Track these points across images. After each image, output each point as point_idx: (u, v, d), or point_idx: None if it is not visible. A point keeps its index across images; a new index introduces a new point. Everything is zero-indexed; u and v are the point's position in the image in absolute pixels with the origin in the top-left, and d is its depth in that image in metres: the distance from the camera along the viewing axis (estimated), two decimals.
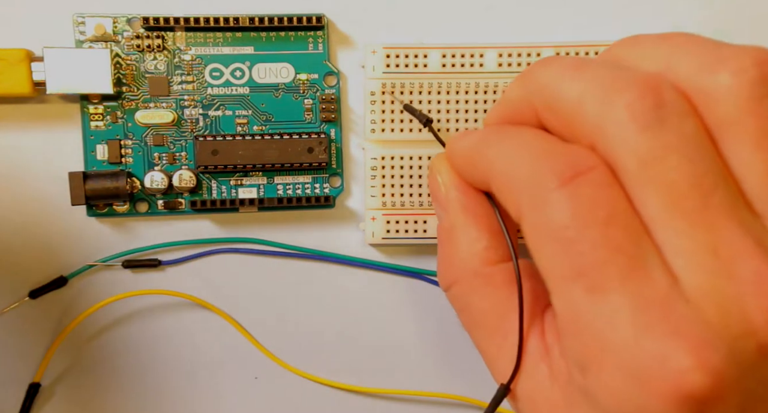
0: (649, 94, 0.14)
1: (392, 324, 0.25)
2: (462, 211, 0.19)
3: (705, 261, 0.14)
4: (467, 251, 0.19)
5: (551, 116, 0.16)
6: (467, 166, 0.18)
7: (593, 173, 0.15)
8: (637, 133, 0.14)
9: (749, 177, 0.14)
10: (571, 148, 0.15)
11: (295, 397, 0.25)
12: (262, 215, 0.25)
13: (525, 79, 0.17)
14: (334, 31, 0.24)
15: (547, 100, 0.16)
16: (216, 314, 0.25)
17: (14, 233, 0.24)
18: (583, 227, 0.14)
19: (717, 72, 0.14)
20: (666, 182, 0.14)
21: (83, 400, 0.25)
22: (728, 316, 0.13)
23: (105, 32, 0.23)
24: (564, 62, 0.16)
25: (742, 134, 0.14)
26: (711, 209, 0.14)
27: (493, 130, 0.18)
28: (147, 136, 0.24)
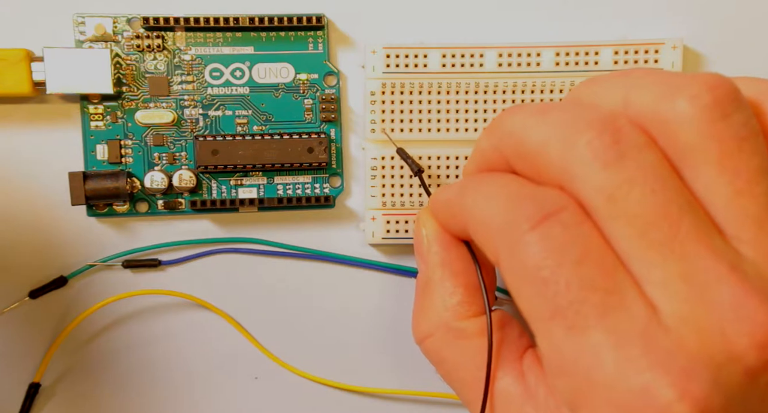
0: (607, 132, 0.15)
1: (392, 324, 0.25)
2: (440, 265, 0.19)
3: (681, 290, 0.14)
4: (441, 305, 0.19)
5: (519, 161, 0.17)
6: (448, 217, 0.19)
7: (563, 213, 0.15)
8: (599, 170, 0.14)
9: (716, 201, 0.14)
10: (541, 190, 0.16)
11: (295, 397, 0.25)
12: (262, 215, 0.25)
13: (493, 129, 0.17)
14: (334, 31, 0.24)
15: (514, 147, 0.17)
16: (216, 314, 0.25)
17: (14, 233, 0.24)
18: (557, 266, 0.14)
19: (672, 100, 0.15)
20: (633, 215, 0.14)
21: (83, 400, 0.25)
22: (710, 343, 0.14)
23: (105, 32, 0.23)
24: (528, 109, 0.17)
25: (704, 158, 0.14)
26: (680, 237, 0.14)
27: (469, 179, 0.18)
28: (147, 136, 0.24)
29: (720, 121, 0.14)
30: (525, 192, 0.16)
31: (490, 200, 0.16)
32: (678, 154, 0.15)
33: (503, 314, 0.19)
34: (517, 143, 0.16)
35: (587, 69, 0.23)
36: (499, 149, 0.17)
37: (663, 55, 0.23)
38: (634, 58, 0.23)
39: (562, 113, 0.16)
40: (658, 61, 0.23)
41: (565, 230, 0.15)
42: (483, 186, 0.17)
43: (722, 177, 0.14)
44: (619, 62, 0.23)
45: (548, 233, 0.15)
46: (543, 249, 0.15)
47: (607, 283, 0.14)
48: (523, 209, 0.15)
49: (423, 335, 0.19)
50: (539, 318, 0.15)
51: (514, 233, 0.15)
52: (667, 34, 0.24)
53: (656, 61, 0.23)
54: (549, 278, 0.14)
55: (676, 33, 0.24)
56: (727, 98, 0.14)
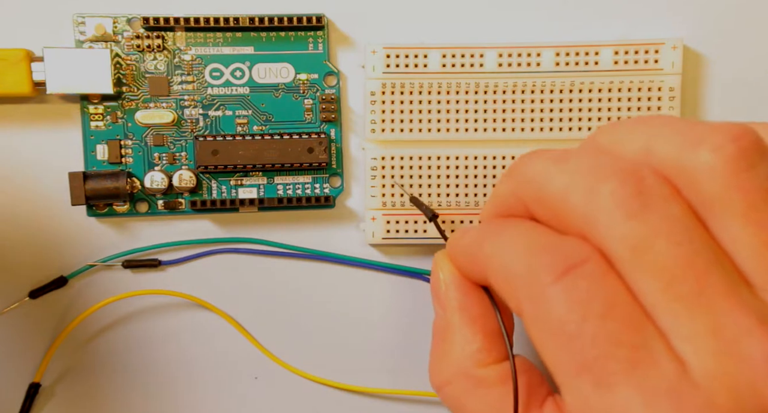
0: (630, 181, 0.14)
1: (392, 324, 0.25)
2: (459, 311, 0.19)
3: (709, 344, 0.13)
4: (460, 353, 0.19)
5: (540, 208, 0.16)
6: (466, 262, 0.19)
7: (587, 265, 0.15)
8: (623, 220, 0.14)
9: (742, 252, 0.14)
10: (564, 240, 0.15)
11: (295, 397, 0.25)
12: (262, 215, 0.25)
13: (512, 175, 0.17)
14: (334, 31, 0.24)
15: (534, 194, 0.16)
16: (216, 314, 0.25)
17: (14, 233, 0.24)
18: (582, 321, 0.14)
19: (696, 151, 0.14)
20: (658, 267, 0.14)
21: (83, 400, 0.25)
22: (741, 399, 0.13)
23: (105, 32, 0.23)
24: (547, 155, 0.16)
25: (729, 209, 0.14)
26: (708, 290, 0.14)
27: (488, 225, 0.18)
28: (147, 136, 0.24)
29: (744, 172, 0.14)
30: (547, 242, 0.15)
31: (511, 249, 0.16)
32: (702, 205, 0.14)
33: (524, 360, 0.19)
34: (538, 190, 0.16)
35: (587, 69, 0.23)
36: (518, 196, 0.17)
37: (663, 55, 0.23)
38: (634, 58, 0.23)
39: (584, 161, 0.15)
40: (658, 61, 0.23)
41: (590, 283, 0.14)
42: (503, 234, 0.17)
43: (748, 229, 0.14)
44: (619, 62, 0.23)
45: (572, 285, 0.14)
46: (567, 303, 0.14)
47: (634, 338, 0.14)
48: (546, 259, 0.15)
49: (442, 382, 0.19)
50: (565, 373, 0.15)
51: (537, 285, 0.15)
52: (667, 34, 0.24)
53: (656, 61, 0.23)
54: (574, 332, 0.14)
55: (676, 33, 0.24)
56: (751, 149, 0.14)
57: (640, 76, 0.23)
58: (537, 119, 0.24)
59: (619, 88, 0.24)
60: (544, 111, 0.24)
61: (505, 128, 0.24)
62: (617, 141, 0.16)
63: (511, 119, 0.24)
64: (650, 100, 0.24)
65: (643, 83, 0.23)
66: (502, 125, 0.24)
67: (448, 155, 0.24)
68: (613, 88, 0.24)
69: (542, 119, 0.24)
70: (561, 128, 0.24)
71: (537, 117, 0.24)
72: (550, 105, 0.24)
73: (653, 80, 0.23)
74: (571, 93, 0.24)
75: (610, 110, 0.24)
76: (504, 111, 0.24)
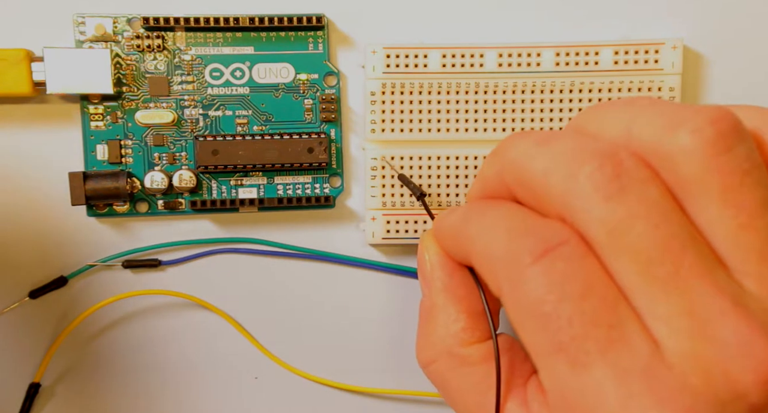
0: (608, 164, 0.15)
1: (392, 324, 0.25)
2: (443, 291, 0.19)
3: (683, 326, 0.14)
4: (444, 332, 0.19)
5: (521, 190, 0.17)
6: (451, 243, 0.19)
7: (565, 247, 0.15)
8: (600, 203, 0.14)
9: (719, 234, 0.14)
10: (544, 222, 0.15)
11: (295, 397, 0.25)
12: (262, 215, 0.25)
13: (496, 156, 0.17)
14: (334, 31, 0.24)
15: (516, 175, 0.16)
16: (216, 314, 0.25)
17: (14, 233, 0.24)
18: (559, 301, 0.14)
19: (675, 134, 0.14)
20: (635, 249, 0.14)
21: (83, 400, 0.25)
22: (714, 381, 0.13)
23: (105, 32, 0.23)
24: (530, 137, 0.16)
25: (707, 191, 0.14)
26: (683, 272, 0.14)
27: (472, 206, 0.18)
28: (147, 136, 0.24)
29: (722, 154, 0.14)
30: (527, 224, 0.16)
31: (492, 232, 0.16)
32: (680, 187, 0.15)
33: (507, 338, 0.19)
34: (519, 171, 0.16)
35: (587, 69, 0.23)
36: (501, 177, 0.17)
37: (663, 55, 0.23)
38: (634, 58, 0.23)
39: (565, 143, 0.15)
40: (658, 61, 0.23)
41: (567, 264, 0.14)
42: (485, 215, 0.17)
43: (725, 211, 0.14)
44: (619, 62, 0.23)
45: (550, 267, 0.15)
46: (545, 284, 0.14)
47: (610, 318, 0.14)
48: (525, 242, 0.15)
49: (427, 360, 0.19)
50: (542, 353, 0.15)
51: (515, 267, 0.15)
52: (667, 34, 0.24)
53: (656, 61, 0.23)
54: (551, 313, 0.14)
55: (676, 33, 0.24)
56: (729, 132, 0.14)
57: (640, 76, 0.23)
58: (537, 119, 0.24)
59: (619, 88, 0.24)
60: (544, 111, 0.24)
61: (505, 128, 0.24)
62: (600, 123, 0.16)
63: (511, 119, 0.24)
64: None
65: (643, 83, 0.24)
66: (502, 125, 0.24)
67: (448, 155, 0.24)
68: (613, 88, 0.24)
69: (542, 119, 0.24)
70: (561, 128, 0.24)
71: (537, 117, 0.24)
72: (550, 105, 0.24)
73: (653, 80, 0.23)
74: (571, 93, 0.24)
75: None
76: (504, 111, 0.24)
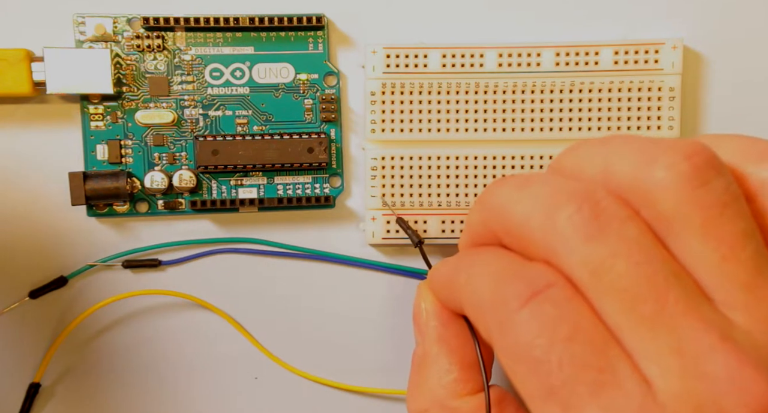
0: (586, 205, 0.15)
1: (392, 324, 0.25)
2: (437, 341, 0.19)
3: (673, 364, 0.14)
4: (437, 382, 0.19)
5: (506, 236, 0.17)
6: (444, 292, 0.19)
7: (552, 290, 0.15)
8: (581, 244, 0.14)
9: (702, 268, 0.14)
10: (529, 266, 0.15)
11: (295, 397, 0.25)
12: (262, 215, 0.25)
13: (480, 204, 0.17)
14: (334, 31, 0.24)
15: (499, 222, 0.17)
16: (216, 314, 0.25)
17: (14, 233, 0.24)
18: (549, 345, 0.14)
19: (651, 170, 0.14)
20: (619, 289, 0.14)
21: (83, 400, 0.25)
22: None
23: (105, 32, 0.23)
24: (511, 182, 0.16)
25: (687, 225, 0.14)
26: (669, 309, 0.14)
27: (462, 255, 0.18)
28: (147, 136, 0.24)
29: (699, 188, 0.14)
30: (513, 269, 0.16)
31: (480, 278, 0.16)
32: (660, 223, 0.15)
33: (500, 390, 0.19)
34: (502, 218, 0.16)
35: (587, 69, 0.23)
36: (486, 224, 0.17)
37: (663, 55, 0.23)
38: (634, 58, 0.23)
39: (542, 187, 0.16)
40: (658, 61, 0.23)
41: (555, 307, 0.14)
42: (474, 264, 0.17)
43: (707, 244, 0.14)
44: (619, 62, 0.23)
45: (538, 310, 0.14)
46: (533, 328, 0.14)
47: (600, 360, 0.14)
48: (512, 287, 0.15)
49: (418, 410, 0.19)
50: (535, 398, 0.15)
51: (503, 312, 0.15)
52: (667, 34, 0.24)
53: (656, 62, 0.23)
54: (541, 357, 0.14)
55: (676, 33, 0.24)
56: (705, 165, 0.14)
57: (640, 76, 0.23)
58: (537, 119, 0.24)
59: (619, 88, 0.24)
60: (544, 111, 0.24)
61: (505, 128, 0.24)
62: (577, 162, 0.16)
63: (511, 119, 0.24)
64: (650, 100, 0.24)
65: (643, 83, 0.24)
66: (502, 125, 0.24)
67: (448, 155, 0.24)
68: (613, 88, 0.24)
69: (542, 119, 0.24)
70: (561, 128, 0.24)
71: (537, 117, 0.24)
72: (550, 105, 0.24)
73: (653, 80, 0.23)
74: (571, 93, 0.24)
75: (610, 109, 0.24)
76: (504, 111, 0.24)
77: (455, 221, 0.24)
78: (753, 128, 0.25)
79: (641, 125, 0.24)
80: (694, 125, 0.25)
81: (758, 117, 0.25)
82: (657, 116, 0.24)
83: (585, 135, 0.24)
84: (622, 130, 0.24)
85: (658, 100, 0.24)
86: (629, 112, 0.24)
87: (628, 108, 0.24)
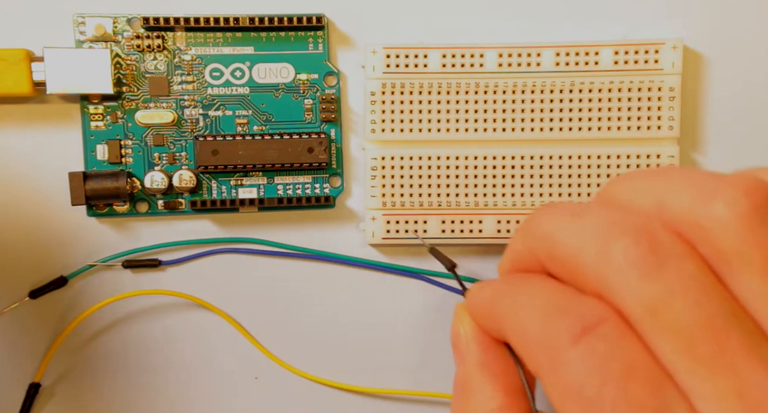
0: (643, 239, 0.14)
1: (392, 324, 0.25)
2: (479, 367, 0.18)
3: (734, 407, 0.13)
4: (481, 409, 0.18)
5: (554, 266, 0.16)
6: (485, 319, 0.18)
7: (604, 327, 0.14)
8: (637, 280, 0.14)
9: (762, 309, 0.14)
10: (580, 300, 0.15)
11: (295, 397, 0.25)
12: (262, 215, 0.25)
13: (526, 230, 0.17)
14: (334, 31, 0.24)
15: (548, 252, 0.16)
16: (216, 314, 0.25)
17: (14, 233, 0.24)
18: (601, 385, 0.14)
19: (710, 206, 0.14)
20: (677, 328, 0.14)
21: (83, 400, 0.25)
22: None
23: (105, 32, 0.23)
24: (561, 210, 0.16)
25: (747, 265, 0.14)
26: (729, 350, 0.13)
27: (504, 281, 0.18)
28: (147, 136, 0.24)
29: (759, 227, 0.14)
30: (562, 303, 0.15)
31: (527, 310, 0.16)
32: (718, 260, 0.14)
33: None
34: (551, 248, 0.16)
35: (587, 69, 0.23)
36: (533, 252, 0.17)
37: (663, 55, 0.23)
38: (634, 58, 0.23)
39: (595, 218, 0.15)
40: (658, 61, 0.23)
41: (607, 345, 0.14)
42: (519, 292, 0.17)
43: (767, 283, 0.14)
44: (619, 62, 0.23)
45: (590, 348, 0.14)
46: (586, 367, 0.14)
47: (655, 400, 0.14)
48: (562, 322, 0.15)
49: None
50: None
51: (554, 349, 0.15)
52: (667, 35, 0.24)
53: (656, 62, 0.23)
54: (594, 397, 0.14)
55: (676, 33, 0.24)
56: (765, 203, 0.14)
57: (640, 76, 0.23)
58: (537, 119, 0.24)
59: (619, 88, 0.24)
60: (544, 111, 0.24)
61: (505, 128, 0.24)
62: (630, 195, 0.16)
63: (511, 119, 0.24)
64: (650, 101, 0.24)
65: (643, 83, 0.23)
66: (502, 125, 0.24)
67: (448, 155, 0.24)
68: (613, 88, 0.24)
69: (542, 119, 0.24)
70: (561, 128, 0.24)
71: (537, 117, 0.24)
72: (550, 105, 0.24)
73: (653, 80, 0.23)
74: (571, 93, 0.24)
75: (610, 110, 0.24)
76: (504, 111, 0.24)
77: (455, 221, 0.24)
78: (753, 128, 0.25)
79: (641, 125, 0.24)
80: (694, 125, 0.25)
81: (758, 117, 0.25)
82: (657, 116, 0.24)
83: (585, 135, 0.24)
84: (622, 130, 0.24)
85: (658, 101, 0.24)
86: (629, 112, 0.24)
87: (628, 108, 0.24)
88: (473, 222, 0.24)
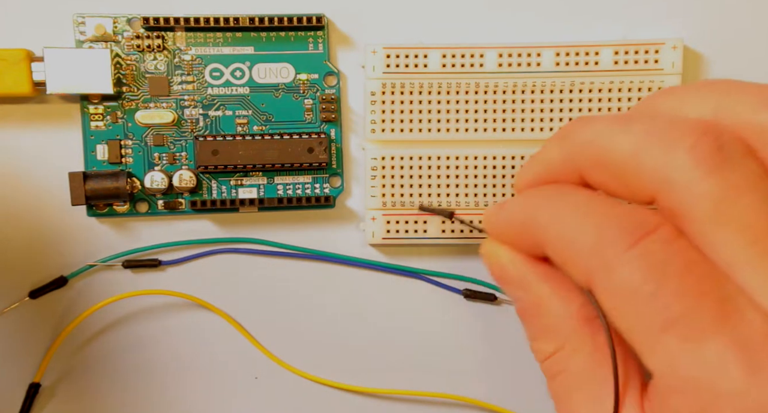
0: (707, 138, 0.14)
1: (392, 324, 0.25)
2: (544, 280, 0.18)
3: None
4: (564, 315, 0.18)
5: (600, 173, 0.16)
6: (516, 236, 0.18)
7: (660, 231, 0.14)
8: (704, 177, 0.14)
9: None
10: (632, 208, 0.15)
11: (295, 397, 0.25)
12: (262, 215, 0.25)
13: (564, 138, 0.17)
14: (334, 31, 0.24)
15: (593, 157, 0.16)
16: (216, 314, 0.25)
17: (14, 233, 0.24)
18: (663, 280, 0.14)
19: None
20: (742, 223, 0.14)
21: (83, 400, 0.25)
22: None
23: (105, 32, 0.23)
24: (608, 118, 0.16)
25: None
26: None
27: (537, 194, 0.17)
28: (147, 136, 0.24)
29: None
30: (614, 211, 0.15)
31: (574, 218, 0.16)
32: None
33: None
34: (599, 152, 0.16)
35: (587, 69, 0.23)
36: (572, 160, 0.17)
37: (663, 55, 0.23)
38: (634, 58, 0.23)
39: (653, 121, 0.15)
40: (658, 61, 0.23)
41: (665, 246, 0.14)
42: (560, 202, 0.16)
43: None
44: (619, 62, 0.23)
45: (647, 251, 0.14)
46: (644, 268, 0.14)
47: (718, 291, 0.14)
48: (616, 229, 0.15)
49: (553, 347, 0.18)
50: (648, 334, 0.14)
51: (610, 254, 0.15)
52: (667, 35, 0.24)
53: (656, 62, 0.23)
54: (656, 292, 0.14)
55: (676, 33, 0.24)
56: None
57: (640, 76, 0.23)
58: (537, 119, 0.24)
59: (619, 88, 0.24)
60: (544, 111, 0.24)
61: (505, 128, 0.24)
62: (678, 105, 0.16)
63: (511, 119, 0.24)
64: None
65: (644, 83, 0.23)
66: (502, 125, 0.24)
67: (448, 155, 0.24)
68: (613, 88, 0.24)
69: (542, 119, 0.24)
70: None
71: (537, 117, 0.24)
72: (550, 105, 0.24)
73: (653, 80, 0.23)
74: (571, 93, 0.24)
75: (610, 110, 0.24)
76: (504, 111, 0.24)
77: (455, 221, 0.24)
78: None
79: None
80: None
81: None
82: None
83: None
84: None
85: None
86: None
87: (628, 108, 0.24)
88: (473, 222, 0.24)
